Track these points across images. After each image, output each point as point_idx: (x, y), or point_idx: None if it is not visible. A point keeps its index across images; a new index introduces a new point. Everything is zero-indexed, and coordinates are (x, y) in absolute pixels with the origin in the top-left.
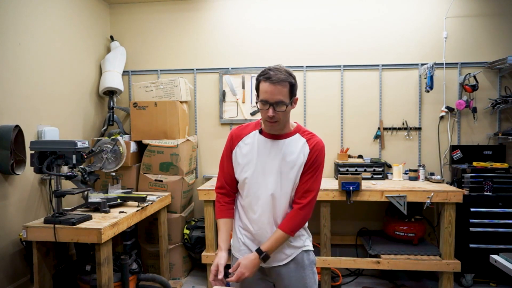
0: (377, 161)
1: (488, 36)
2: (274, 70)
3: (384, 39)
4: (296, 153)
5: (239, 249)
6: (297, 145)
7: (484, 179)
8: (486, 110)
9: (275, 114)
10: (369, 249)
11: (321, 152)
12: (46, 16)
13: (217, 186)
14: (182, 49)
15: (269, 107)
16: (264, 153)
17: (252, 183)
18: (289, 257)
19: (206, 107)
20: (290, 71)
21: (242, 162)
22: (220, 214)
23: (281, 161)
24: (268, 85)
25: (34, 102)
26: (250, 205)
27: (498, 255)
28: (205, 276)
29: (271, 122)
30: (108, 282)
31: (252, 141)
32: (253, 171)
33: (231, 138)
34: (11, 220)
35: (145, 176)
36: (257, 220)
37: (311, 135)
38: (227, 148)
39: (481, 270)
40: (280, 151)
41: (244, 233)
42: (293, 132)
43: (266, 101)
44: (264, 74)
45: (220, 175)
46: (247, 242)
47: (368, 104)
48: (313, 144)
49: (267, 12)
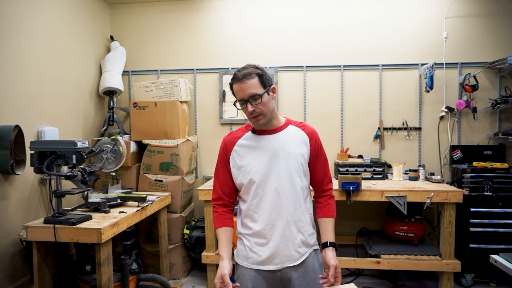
0: (377, 161)
1: (488, 36)
2: (241, 69)
3: (384, 39)
4: (295, 143)
5: (246, 257)
6: (294, 135)
7: (484, 179)
8: (486, 110)
9: (255, 108)
10: (369, 249)
11: (319, 138)
12: (46, 16)
13: (213, 198)
14: (182, 49)
15: (246, 104)
16: (263, 150)
17: (258, 182)
18: (302, 256)
19: (206, 107)
20: (257, 65)
21: (243, 164)
22: (219, 223)
23: (281, 154)
24: (237, 85)
25: (34, 102)
26: (259, 205)
27: (498, 255)
28: (205, 276)
29: (254, 117)
30: (108, 282)
31: (247, 142)
32: (257, 170)
33: (224, 146)
34: (11, 220)
35: (145, 176)
36: (269, 217)
37: (302, 124)
38: (221, 157)
39: (481, 270)
40: (279, 144)
41: (254, 239)
42: (285, 124)
43: (241, 99)
44: (232, 77)
45: (216, 186)
46: (255, 248)
47: (368, 104)
48: (310, 132)
49: (267, 12)
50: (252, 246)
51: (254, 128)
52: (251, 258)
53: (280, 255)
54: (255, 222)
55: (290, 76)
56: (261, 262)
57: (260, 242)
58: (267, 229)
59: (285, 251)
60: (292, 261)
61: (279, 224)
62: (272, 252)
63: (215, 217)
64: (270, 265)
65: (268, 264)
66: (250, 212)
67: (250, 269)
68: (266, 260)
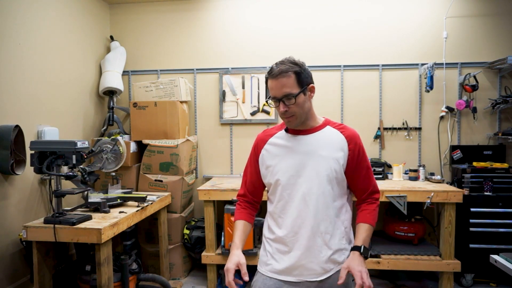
0: (377, 161)
1: (488, 36)
2: (277, 64)
3: (384, 39)
4: (331, 147)
5: (266, 263)
6: (330, 138)
7: (484, 179)
8: (486, 110)
9: (287, 109)
10: (369, 249)
11: (360, 142)
12: (46, 16)
13: (239, 194)
14: (182, 49)
15: (279, 103)
16: (294, 151)
17: (285, 184)
18: (326, 273)
19: (206, 107)
20: (296, 60)
21: (271, 164)
22: (240, 215)
23: (314, 157)
24: (272, 81)
25: (34, 102)
26: (284, 209)
27: (498, 255)
28: (205, 276)
29: (287, 117)
30: (108, 282)
31: (280, 141)
32: (284, 171)
33: (256, 144)
34: (11, 220)
35: (145, 176)
36: (292, 224)
37: (342, 126)
38: (252, 155)
39: (481, 270)
40: (312, 146)
41: (276, 246)
42: (322, 125)
43: (274, 97)
44: (268, 71)
45: (243, 183)
46: (276, 255)
47: (368, 104)
48: (350, 136)
49: (267, 12)
50: (274, 253)
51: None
52: (270, 265)
53: (301, 267)
54: (278, 227)
55: None
56: (280, 271)
57: (281, 249)
58: (290, 236)
59: (307, 264)
60: (314, 276)
61: (302, 233)
62: (293, 263)
63: (238, 210)
64: (289, 276)
65: (287, 275)
66: (275, 215)
67: (267, 276)
68: (285, 270)
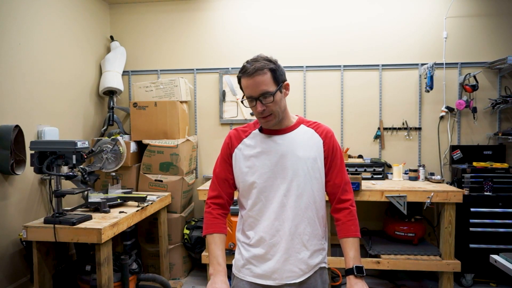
0: (377, 161)
1: (488, 36)
2: (250, 62)
3: (384, 39)
4: (307, 147)
5: (243, 267)
6: (305, 137)
7: (484, 179)
8: (486, 110)
9: (265, 108)
10: (369, 249)
11: (334, 139)
12: (46, 16)
13: (210, 196)
14: (182, 49)
15: (256, 102)
16: (269, 152)
17: (261, 187)
18: (305, 274)
19: (206, 107)
20: (269, 57)
21: (246, 165)
22: (213, 227)
23: (291, 157)
24: (247, 79)
25: (34, 102)
26: (261, 212)
27: (498, 255)
28: (205, 276)
29: (264, 117)
30: (108, 282)
31: (254, 142)
32: (261, 173)
33: (229, 141)
34: (11, 220)
35: (145, 176)
36: (270, 227)
37: (316, 124)
38: (224, 152)
39: (481, 270)
40: (287, 147)
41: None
42: (296, 124)
43: (250, 96)
44: (241, 70)
45: (214, 183)
46: (254, 260)
47: (368, 104)
48: (324, 133)
49: (267, 12)
50: (251, 258)
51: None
52: (248, 270)
53: (280, 270)
54: (255, 232)
55: (290, 76)
56: (259, 276)
57: (259, 253)
58: (267, 240)
59: (286, 266)
60: (293, 278)
61: (281, 235)
62: (272, 266)
63: (209, 220)
64: (268, 280)
65: (266, 279)
66: (250, 219)
67: (246, 281)
68: (264, 274)
